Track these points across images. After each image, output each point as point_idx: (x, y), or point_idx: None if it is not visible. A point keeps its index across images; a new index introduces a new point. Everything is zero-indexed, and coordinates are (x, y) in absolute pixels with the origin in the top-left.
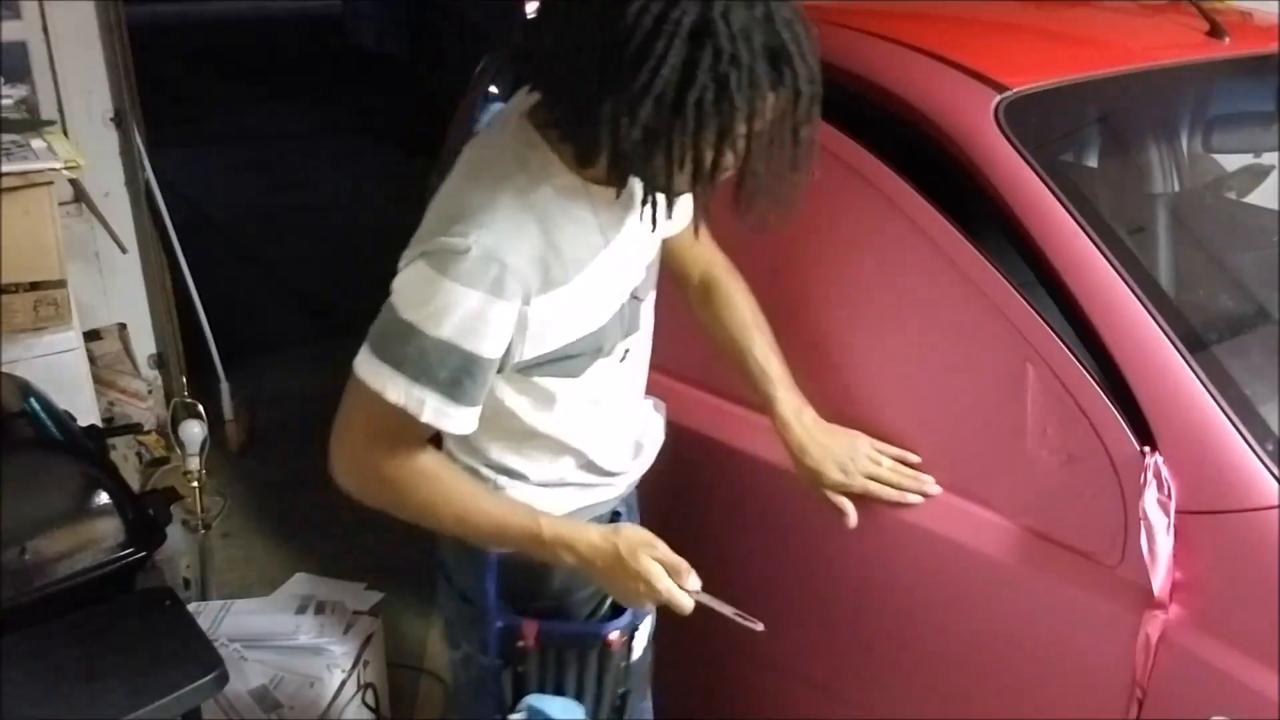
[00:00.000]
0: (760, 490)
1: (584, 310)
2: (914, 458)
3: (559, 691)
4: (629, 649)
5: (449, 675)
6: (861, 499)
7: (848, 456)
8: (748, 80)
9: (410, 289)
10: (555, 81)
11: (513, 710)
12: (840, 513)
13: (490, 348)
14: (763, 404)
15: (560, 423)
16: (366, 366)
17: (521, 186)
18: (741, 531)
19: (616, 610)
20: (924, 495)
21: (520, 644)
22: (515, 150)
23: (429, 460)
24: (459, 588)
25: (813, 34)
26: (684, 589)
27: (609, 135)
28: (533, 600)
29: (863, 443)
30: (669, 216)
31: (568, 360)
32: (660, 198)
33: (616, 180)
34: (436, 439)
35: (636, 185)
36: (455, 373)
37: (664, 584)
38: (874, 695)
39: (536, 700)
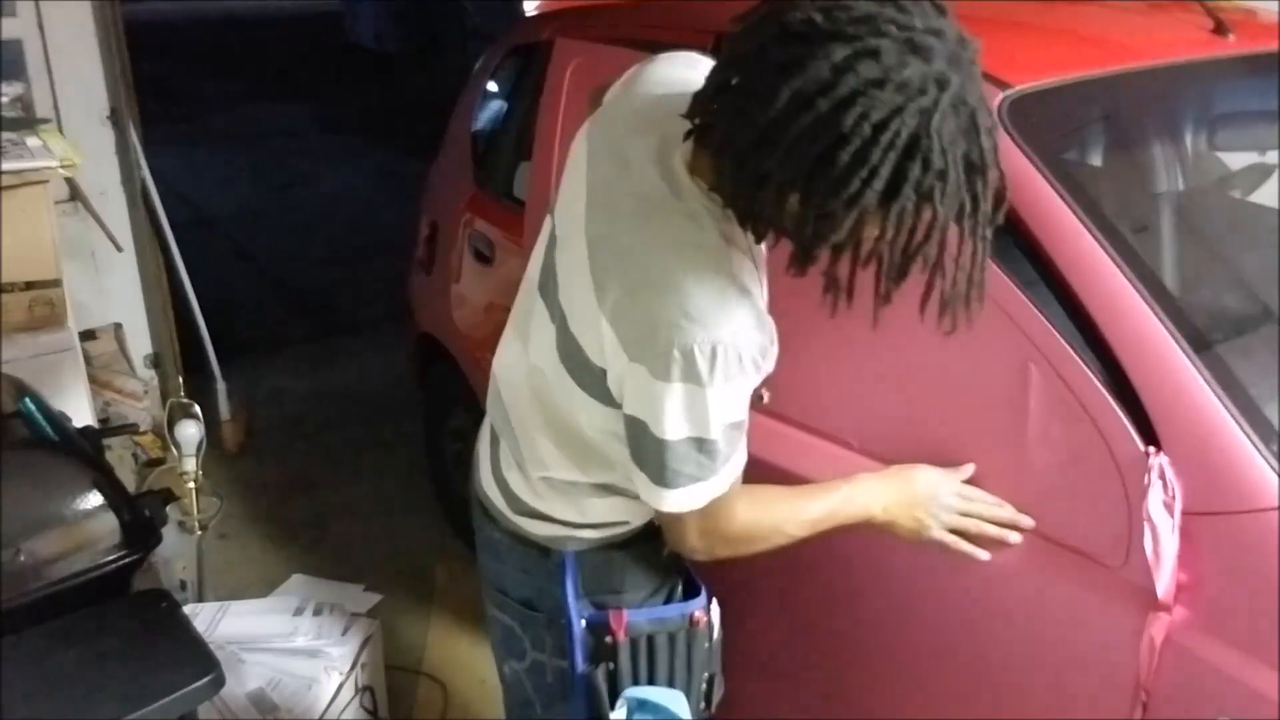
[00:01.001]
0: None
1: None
2: (1006, 508)
3: (651, 683)
4: (710, 627)
5: (507, 690)
6: None
7: (924, 502)
8: (950, 192)
9: (673, 413)
10: (745, 162)
11: (612, 708)
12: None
13: (746, 406)
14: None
15: None
16: (671, 501)
17: (731, 266)
18: None
19: (689, 591)
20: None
21: (609, 639)
22: (708, 224)
23: (751, 496)
24: (518, 597)
25: (998, 130)
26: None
27: (807, 239)
28: (600, 595)
29: (942, 497)
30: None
31: None
32: (844, 280)
33: (799, 268)
34: None
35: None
36: (736, 439)
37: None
38: (878, 697)
39: (637, 693)
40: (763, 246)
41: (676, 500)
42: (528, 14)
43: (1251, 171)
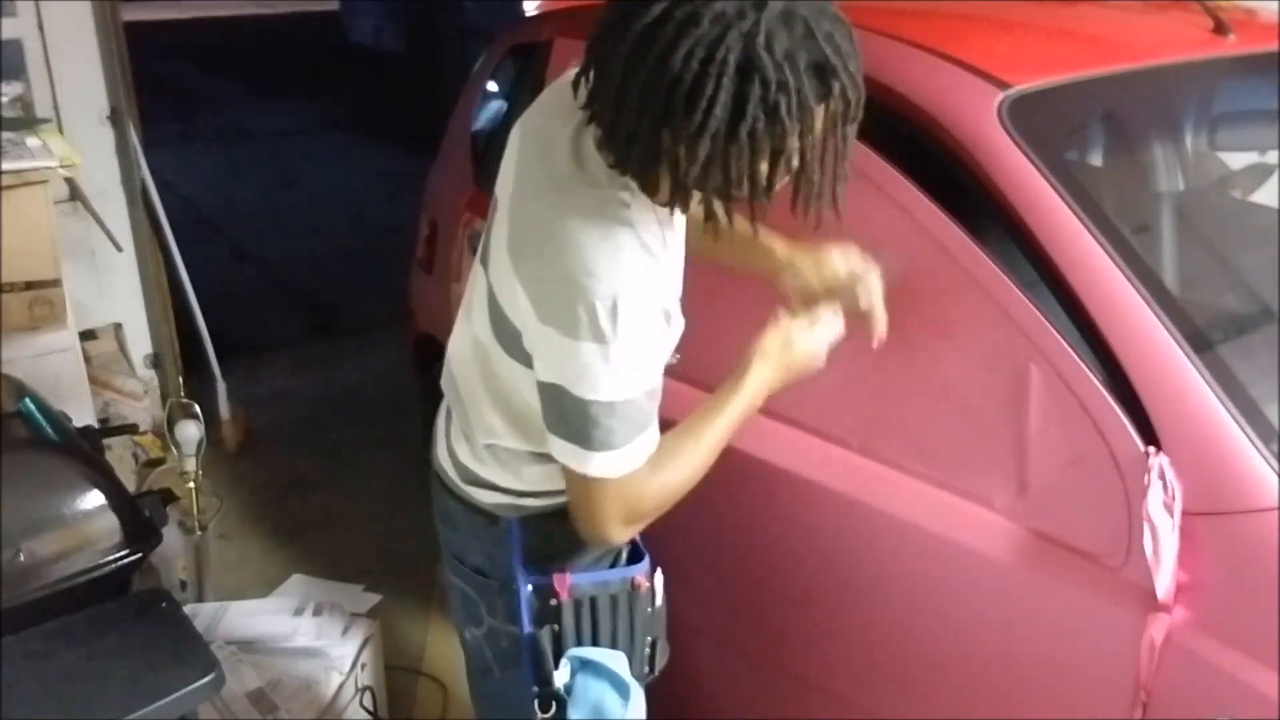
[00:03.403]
0: (765, 492)
1: (678, 324)
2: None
3: (595, 644)
4: (653, 593)
5: (469, 657)
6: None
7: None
8: (796, 103)
9: (579, 370)
10: (616, 127)
11: (556, 668)
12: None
13: (659, 369)
14: (767, 265)
15: None
16: (592, 463)
17: (634, 230)
18: (747, 533)
19: (632, 556)
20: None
21: (553, 601)
22: (608, 193)
23: (656, 462)
24: (471, 564)
25: (850, 33)
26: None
27: (670, 172)
28: (546, 562)
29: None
30: (730, 224)
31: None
32: (720, 213)
33: (680, 206)
34: None
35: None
36: (651, 408)
37: (830, 336)
38: (878, 697)
39: (580, 652)
40: (677, 222)
41: (597, 464)
42: (527, 14)
43: (1251, 171)
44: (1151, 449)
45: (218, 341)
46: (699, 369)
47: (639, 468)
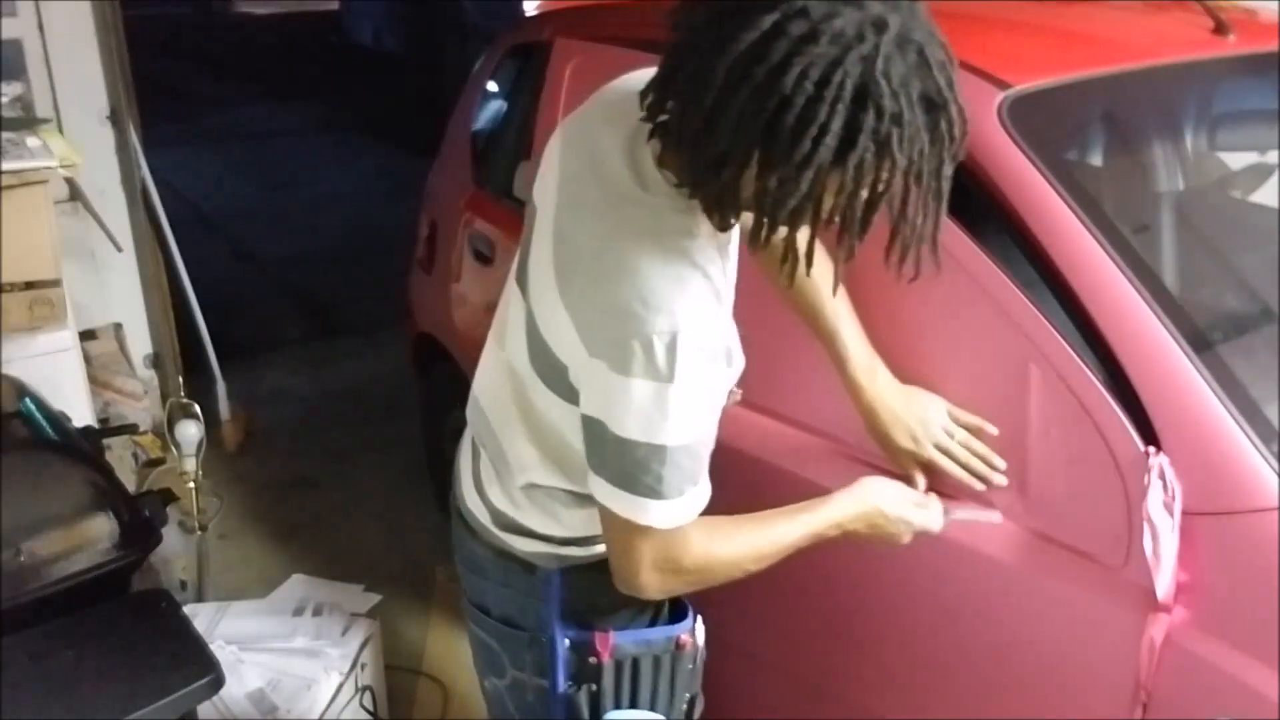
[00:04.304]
0: (768, 494)
1: (739, 363)
2: (991, 429)
3: (634, 705)
4: (696, 649)
5: (490, 705)
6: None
7: (919, 423)
8: (908, 136)
9: (632, 411)
10: (702, 147)
11: None
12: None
13: (716, 414)
14: (836, 364)
15: None
16: (632, 508)
17: (695, 257)
18: None
19: (674, 612)
20: (987, 482)
21: (593, 660)
22: (670, 216)
23: (712, 529)
24: (499, 614)
25: (955, 62)
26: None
27: (757, 202)
28: (584, 616)
29: (936, 410)
30: (808, 267)
31: None
32: (802, 251)
33: (758, 240)
34: None
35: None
36: (702, 456)
37: (924, 524)
38: (877, 697)
39: (618, 715)
40: (733, 246)
41: (642, 512)
42: (527, 14)
43: (1251, 171)
44: (1151, 449)
45: (217, 341)
46: (758, 394)
47: (686, 524)
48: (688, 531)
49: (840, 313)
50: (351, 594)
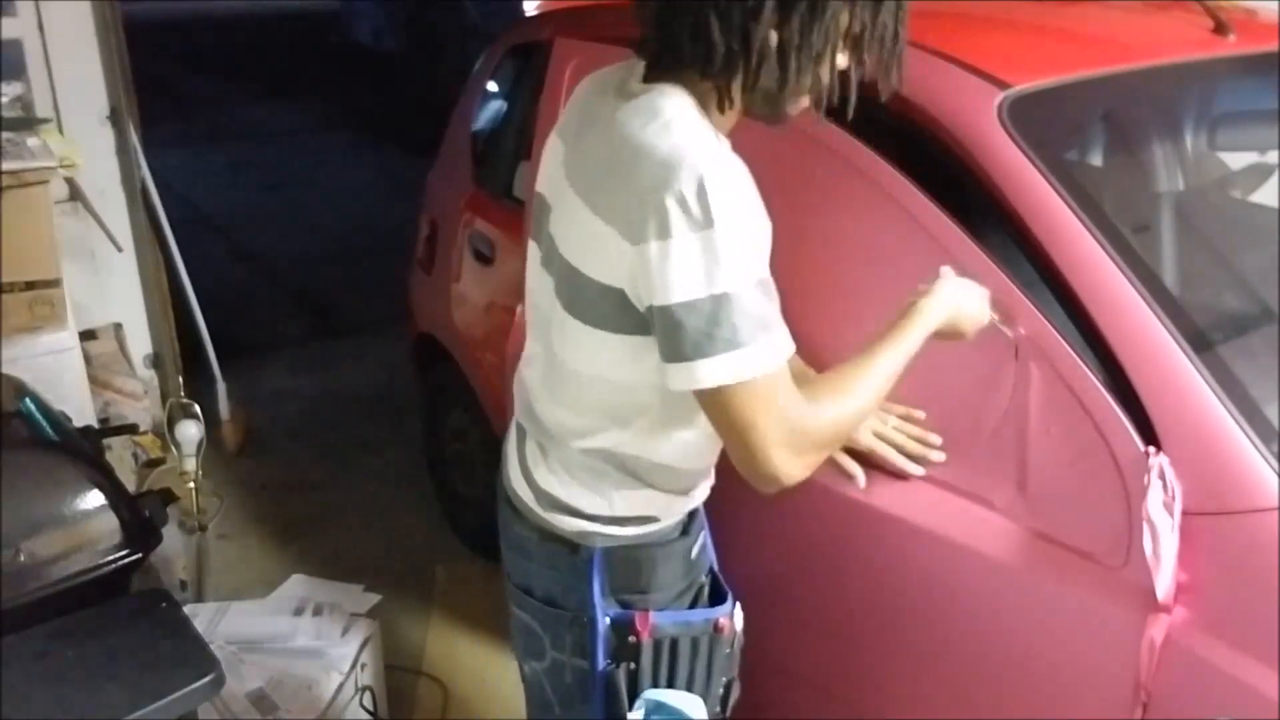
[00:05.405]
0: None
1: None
2: (919, 414)
3: (671, 686)
4: (734, 634)
5: (528, 691)
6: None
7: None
8: None
9: (686, 269)
10: (676, 24)
11: (630, 708)
12: (849, 477)
13: (765, 260)
14: None
15: None
16: (709, 372)
17: (697, 121)
18: (749, 533)
19: (715, 596)
20: (925, 463)
21: (632, 639)
22: (667, 98)
23: (815, 391)
24: (541, 595)
25: None
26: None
27: (794, 54)
28: (626, 595)
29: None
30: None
31: None
32: (780, 93)
33: (790, 90)
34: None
35: None
36: (771, 307)
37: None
38: (877, 697)
39: (655, 695)
40: None
41: (714, 370)
42: (527, 14)
43: (1251, 171)
44: (1151, 449)
45: (217, 341)
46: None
47: (788, 387)
48: (796, 395)
49: None
50: (351, 594)
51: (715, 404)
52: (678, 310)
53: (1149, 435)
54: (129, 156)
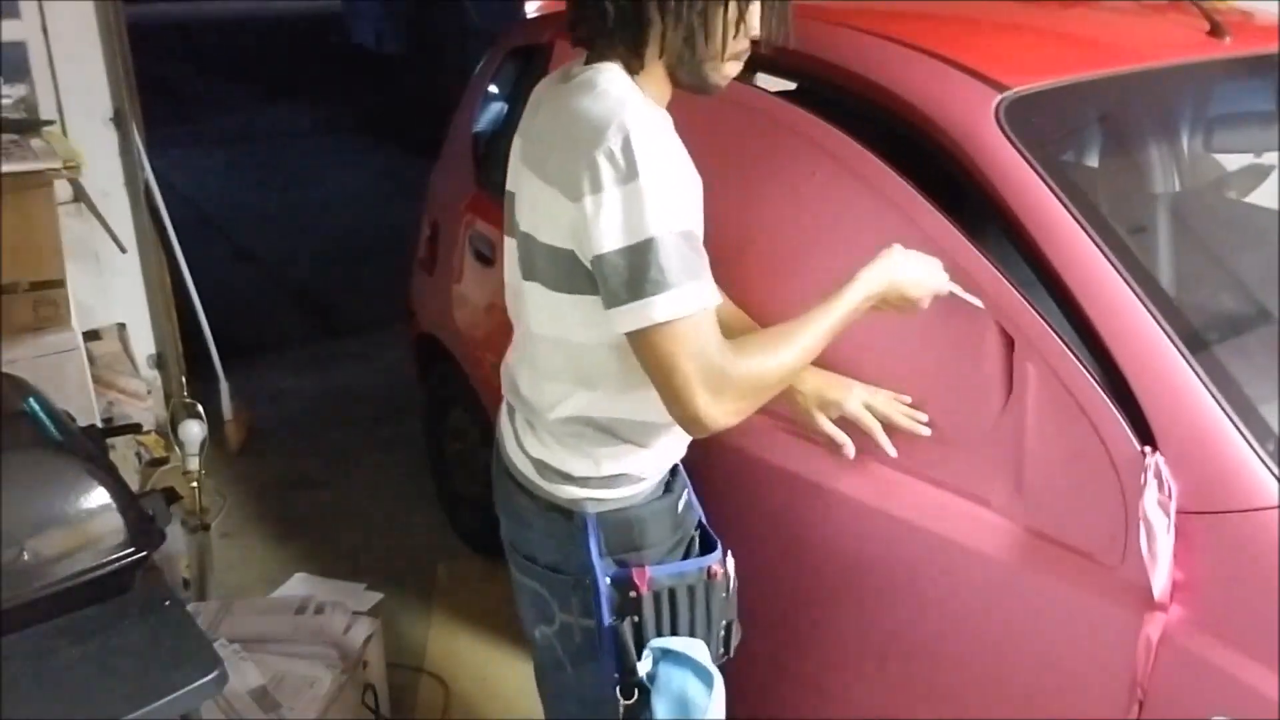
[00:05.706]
0: (767, 492)
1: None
2: (906, 398)
3: (674, 634)
4: (727, 579)
5: (539, 654)
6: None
7: (842, 385)
8: None
9: (615, 219)
10: (604, 13)
11: (638, 659)
12: (838, 445)
13: (696, 215)
14: None
15: None
16: (635, 316)
17: (628, 90)
18: (749, 533)
19: (704, 546)
20: (914, 435)
21: (632, 594)
22: (601, 74)
23: (745, 344)
24: (545, 562)
25: None
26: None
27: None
28: (621, 554)
29: (859, 386)
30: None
31: None
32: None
33: (696, 77)
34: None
35: None
36: (694, 253)
37: (935, 286)
38: (874, 696)
39: (661, 643)
40: None
41: (655, 308)
42: (528, 15)
43: (1248, 172)
44: (1148, 448)
45: (220, 341)
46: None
47: (712, 333)
48: (721, 342)
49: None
50: (353, 592)
51: (644, 345)
52: (610, 257)
53: (1145, 435)
54: (132, 158)
